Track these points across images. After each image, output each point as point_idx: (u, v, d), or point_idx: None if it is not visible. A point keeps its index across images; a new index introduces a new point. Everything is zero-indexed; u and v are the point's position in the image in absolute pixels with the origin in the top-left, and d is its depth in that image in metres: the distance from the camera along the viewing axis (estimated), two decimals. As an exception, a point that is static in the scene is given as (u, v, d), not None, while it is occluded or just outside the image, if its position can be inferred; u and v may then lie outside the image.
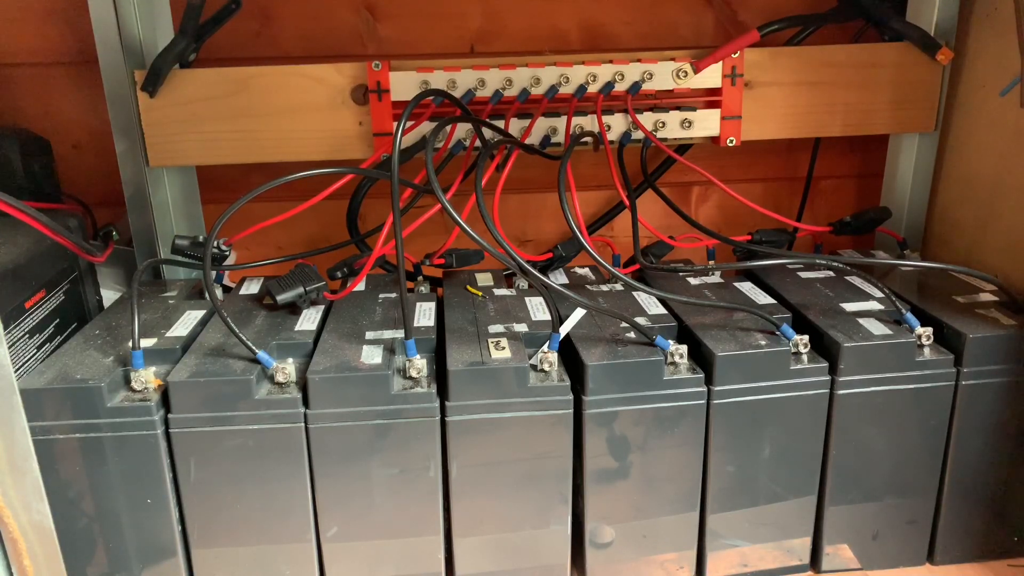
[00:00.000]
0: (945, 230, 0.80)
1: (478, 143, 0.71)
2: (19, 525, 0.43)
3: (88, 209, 0.77)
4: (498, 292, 0.70)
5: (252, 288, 0.71)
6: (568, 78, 0.73)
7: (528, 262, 0.56)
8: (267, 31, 0.80)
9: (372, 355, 0.57)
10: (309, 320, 0.63)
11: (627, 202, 0.71)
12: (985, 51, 0.73)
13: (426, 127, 0.73)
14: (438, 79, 0.72)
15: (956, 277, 0.70)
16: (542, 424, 0.56)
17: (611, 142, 0.75)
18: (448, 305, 0.66)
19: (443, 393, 0.55)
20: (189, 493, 0.56)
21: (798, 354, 0.59)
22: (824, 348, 0.60)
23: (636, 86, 0.74)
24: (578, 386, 0.57)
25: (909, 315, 0.60)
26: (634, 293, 0.68)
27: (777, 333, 0.59)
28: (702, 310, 0.64)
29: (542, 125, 0.74)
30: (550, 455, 0.57)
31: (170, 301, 0.68)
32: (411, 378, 0.56)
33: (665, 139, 0.76)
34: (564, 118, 0.74)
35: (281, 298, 0.64)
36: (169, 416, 0.54)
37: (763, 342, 0.58)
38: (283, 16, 0.80)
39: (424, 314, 0.64)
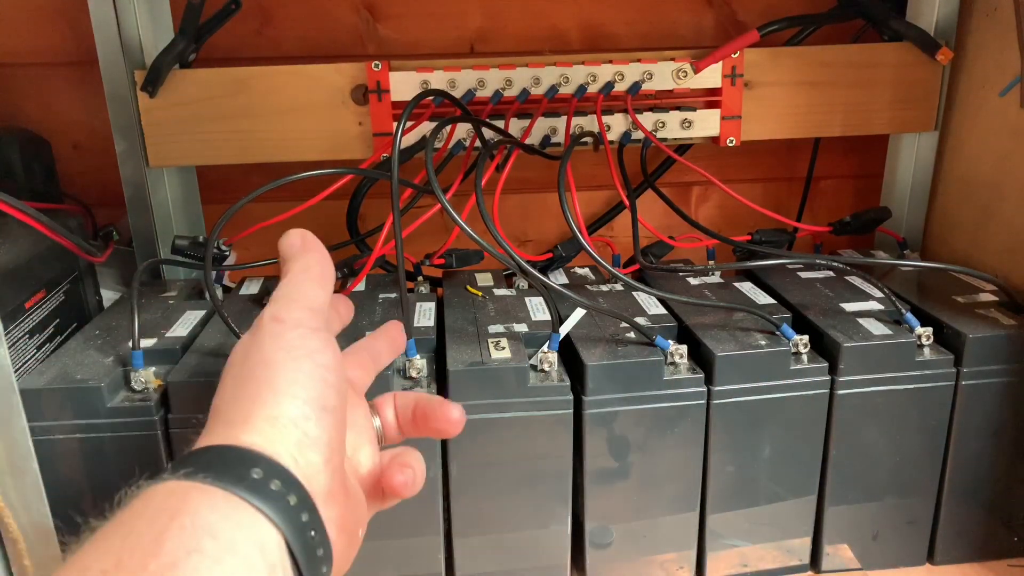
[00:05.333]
0: (945, 230, 0.80)
1: (478, 143, 0.71)
2: (19, 525, 0.43)
3: (88, 209, 0.77)
4: (498, 292, 0.69)
5: (252, 288, 0.71)
6: (568, 78, 0.73)
7: (528, 262, 0.56)
8: (267, 31, 0.80)
9: (372, 355, 0.57)
10: (309, 320, 0.63)
11: (627, 202, 0.71)
12: (985, 51, 0.73)
13: (426, 127, 0.73)
14: (438, 79, 0.72)
15: (956, 277, 0.70)
16: (542, 424, 0.56)
17: (611, 142, 0.75)
18: (448, 305, 0.66)
19: (443, 393, 0.55)
20: (189, 493, 0.56)
21: (798, 354, 0.59)
22: (824, 348, 0.60)
23: (636, 86, 0.74)
24: (578, 386, 0.57)
25: (909, 315, 0.60)
26: (634, 293, 0.68)
27: (777, 333, 0.59)
28: (702, 310, 0.64)
29: (542, 125, 0.74)
30: (550, 455, 0.57)
31: (170, 301, 0.68)
32: (411, 378, 0.56)
33: (665, 139, 0.76)
34: (564, 118, 0.74)
35: (281, 298, 0.63)
36: (169, 416, 0.54)
37: (763, 342, 0.58)
38: (283, 16, 0.80)
39: (424, 314, 0.64)
